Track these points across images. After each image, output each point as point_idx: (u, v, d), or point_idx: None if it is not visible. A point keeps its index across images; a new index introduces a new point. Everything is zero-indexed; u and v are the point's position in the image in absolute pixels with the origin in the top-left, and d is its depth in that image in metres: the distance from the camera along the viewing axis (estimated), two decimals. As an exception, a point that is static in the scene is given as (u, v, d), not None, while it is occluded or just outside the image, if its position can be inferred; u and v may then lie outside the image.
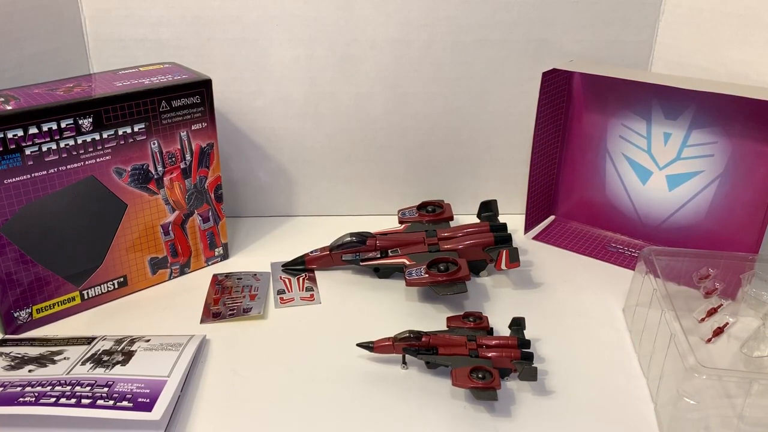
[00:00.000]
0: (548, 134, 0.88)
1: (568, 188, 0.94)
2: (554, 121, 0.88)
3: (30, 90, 0.67)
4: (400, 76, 0.87)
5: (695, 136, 0.80)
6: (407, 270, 0.49)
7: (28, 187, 0.65)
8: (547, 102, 0.85)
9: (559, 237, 0.90)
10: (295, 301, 0.75)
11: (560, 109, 0.89)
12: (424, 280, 0.48)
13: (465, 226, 0.54)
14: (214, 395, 0.61)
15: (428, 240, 0.52)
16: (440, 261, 0.51)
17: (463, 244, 0.52)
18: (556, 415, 0.59)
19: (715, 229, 0.82)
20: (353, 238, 0.53)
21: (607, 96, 0.86)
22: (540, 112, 0.84)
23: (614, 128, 0.87)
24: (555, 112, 0.88)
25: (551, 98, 0.86)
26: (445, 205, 0.56)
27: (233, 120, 0.88)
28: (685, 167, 0.83)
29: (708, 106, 0.78)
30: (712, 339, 0.67)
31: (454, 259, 0.52)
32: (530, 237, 0.90)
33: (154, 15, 0.82)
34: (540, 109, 0.84)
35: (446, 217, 0.56)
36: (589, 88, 0.87)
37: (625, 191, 0.89)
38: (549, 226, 0.94)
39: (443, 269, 0.51)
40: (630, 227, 0.89)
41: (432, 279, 0.50)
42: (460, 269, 0.51)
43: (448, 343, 0.63)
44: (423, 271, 0.49)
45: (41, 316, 0.70)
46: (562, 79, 0.86)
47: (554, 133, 0.89)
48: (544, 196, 0.93)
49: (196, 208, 0.78)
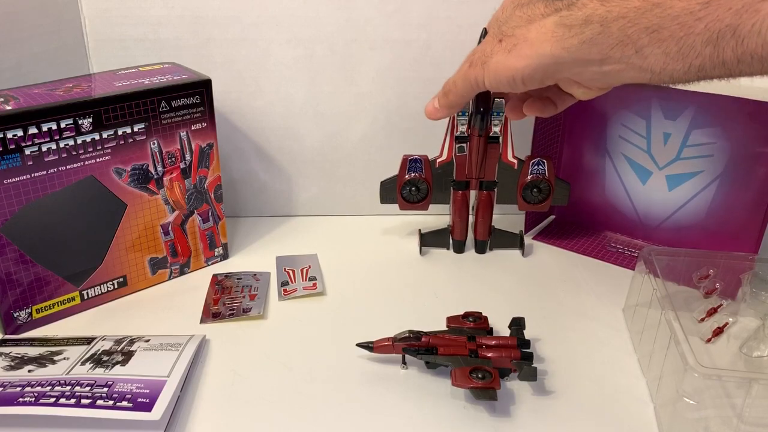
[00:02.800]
0: (547, 134, 0.88)
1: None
2: (553, 121, 0.88)
3: (30, 90, 0.67)
4: (400, 76, 0.87)
5: (695, 136, 0.80)
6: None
7: (28, 187, 0.65)
8: None
9: (558, 237, 0.91)
10: (298, 291, 0.76)
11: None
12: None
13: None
14: (214, 395, 0.61)
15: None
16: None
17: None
18: (556, 415, 0.59)
19: (715, 229, 0.82)
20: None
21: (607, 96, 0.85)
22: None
23: (614, 128, 0.87)
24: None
25: None
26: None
27: (233, 120, 0.88)
28: (684, 167, 0.83)
29: (707, 106, 0.78)
30: (711, 339, 0.67)
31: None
32: (530, 237, 0.90)
33: (154, 15, 0.82)
34: None
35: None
36: None
37: (625, 191, 0.89)
38: (549, 225, 0.94)
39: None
40: (630, 227, 0.89)
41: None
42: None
43: (447, 343, 0.63)
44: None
45: (41, 316, 0.70)
46: None
47: (553, 133, 0.90)
48: None
49: (196, 208, 0.78)
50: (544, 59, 0.49)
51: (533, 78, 0.51)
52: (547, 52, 0.49)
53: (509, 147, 0.82)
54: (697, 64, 0.43)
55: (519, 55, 0.51)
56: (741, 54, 0.40)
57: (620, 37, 0.44)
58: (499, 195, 0.84)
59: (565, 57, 0.48)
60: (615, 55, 0.45)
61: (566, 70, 0.50)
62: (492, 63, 0.53)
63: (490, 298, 0.76)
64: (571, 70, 0.49)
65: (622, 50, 0.45)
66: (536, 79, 0.52)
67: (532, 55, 0.50)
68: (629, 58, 0.45)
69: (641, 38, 0.43)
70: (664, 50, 0.43)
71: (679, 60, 0.43)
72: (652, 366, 0.63)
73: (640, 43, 0.44)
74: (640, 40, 0.44)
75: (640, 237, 0.89)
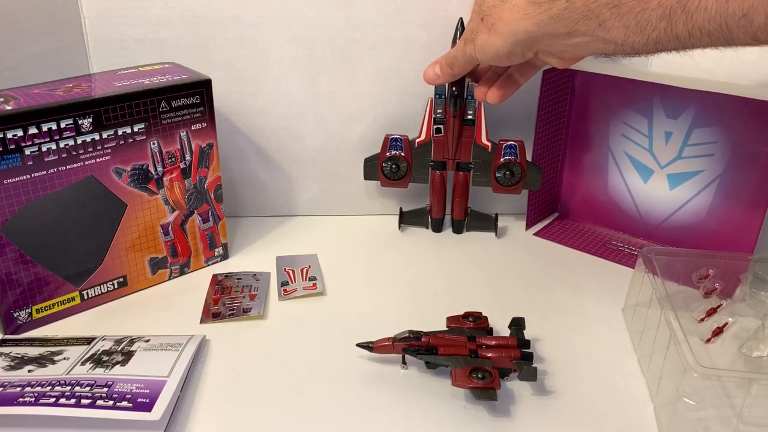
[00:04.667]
0: (550, 132, 0.88)
1: (571, 186, 0.94)
2: (556, 119, 0.88)
3: (30, 90, 0.67)
4: (400, 76, 0.87)
5: (696, 135, 0.80)
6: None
7: (28, 187, 0.65)
8: (548, 100, 0.85)
9: (559, 234, 0.91)
10: (298, 291, 0.76)
11: (562, 107, 0.89)
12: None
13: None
14: (214, 395, 0.61)
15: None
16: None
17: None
18: (556, 415, 0.59)
19: (715, 229, 0.82)
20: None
21: (609, 94, 0.86)
22: (541, 110, 0.84)
23: (616, 126, 0.87)
24: (556, 110, 0.88)
25: (552, 96, 0.86)
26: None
27: (233, 120, 0.88)
28: (685, 166, 0.83)
29: (708, 106, 0.78)
30: (711, 339, 0.67)
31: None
32: (531, 233, 0.91)
33: (154, 15, 0.82)
34: (541, 107, 0.84)
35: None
36: (591, 86, 0.87)
37: (627, 189, 0.89)
38: (551, 223, 0.94)
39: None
40: (631, 226, 0.90)
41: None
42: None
43: (447, 343, 0.63)
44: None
45: (41, 316, 0.70)
46: (563, 77, 0.86)
47: (556, 131, 0.90)
48: (547, 193, 0.94)
49: (196, 208, 0.78)
50: (520, 35, 0.55)
51: (514, 52, 0.58)
52: (520, 29, 0.55)
53: (483, 129, 0.85)
54: (654, 37, 0.48)
55: (498, 34, 0.57)
56: (691, 28, 0.45)
57: (584, 12, 0.50)
58: (475, 177, 0.88)
59: (537, 32, 0.54)
60: (581, 28, 0.51)
61: (540, 43, 0.56)
62: (479, 41, 0.60)
63: (490, 298, 0.76)
64: (544, 42, 0.56)
65: (587, 24, 0.50)
66: (517, 53, 0.58)
67: (509, 33, 0.56)
68: (594, 31, 0.51)
69: (603, 12, 0.49)
70: (624, 23, 0.48)
71: (638, 33, 0.48)
72: (651, 366, 0.63)
73: (603, 17, 0.49)
74: (602, 15, 0.49)
75: (641, 236, 0.89)
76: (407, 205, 0.94)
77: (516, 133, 0.89)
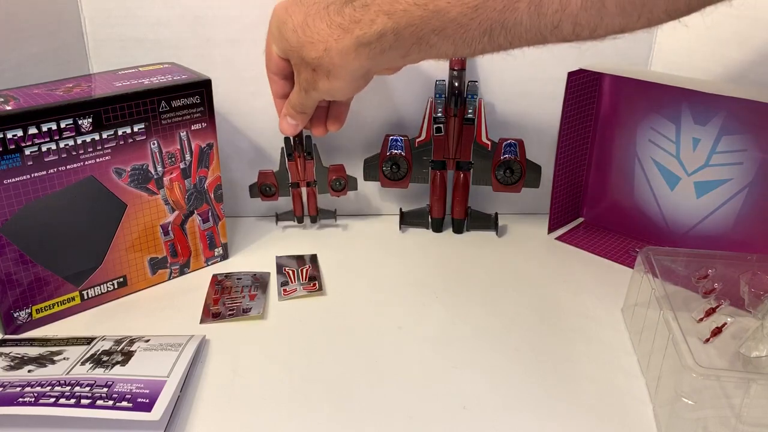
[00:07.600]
0: (575, 135, 0.87)
1: (597, 191, 0.92)
2: (581, 123, 0.87)
3: (30, 90, 0.67)
4: (400, 75, 0.86)
5: (725, 143, 0.78)
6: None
7: (28, 187, 0.65)
8: (573, 102, 0.84)
9: (582, 239, 0.90)
10: (298, 291, 0.76)
11: (589, 110, 0.87)
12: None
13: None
14: (214, 395, 0.61)
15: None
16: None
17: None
18: (555, 415, 0.59)
19: (743, 240, 0.79)
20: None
21: (637, 98, 0.84)
22: (565, 113, 0.83)
23: (644, 132, 0.85)
24: (582, 112, 0.87)
25: (578, 99, 0.84)
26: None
27: (233, 120, 0.88)
28: (713, 174, 0.80)
29: (738, 113, 0.76)
30: (710, 339, 0.67)
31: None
32: (554, 237, 0.90)
33: (154, 15, 0.82)
34: (565, 109, 0.83)
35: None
36: (618, 90, 0.86)
37: (653, 197, 0.87)
38: (574, 228, 0.93)
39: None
40: (657, 234, 0.87)
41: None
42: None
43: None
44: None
45: (41, 316, 0.70)
46: (590, 80, 0.84)
47: (581, 135, 0.88)
48: (571, 198, 0.93)
49: (196, 208, 0.78)
50: (358, 72, 0.60)
51: (358, 86, 0.64)
52: (357, 67, 0.59)
53: (483, 128, 0.86)
54: (480, 48, 0.53)
55: (338, 78, 0.61)
56: (511, 39, 0.51)
57: (413, 40, 0.54)
58: (475, 176, 0.88)
59: (373, 64, 0.59)
60: (413, 52, 0.56)
61: (377, 69, 0.63)
62: (321, 87, 0.63)
63: (490, 297, 0.76)
64: (381, 67, 0.61)
65: (419, 47, 0.55)
66: (361, 85, 0.64)
67: (347, 75, 0.60)
68: (426, 51, 0.55)
69: (431, 38, 0.53)
70: (452, 42, 0.53)
71: (465, 47, 0.53)
72: (650, 366, 0.63)
73: (432, 41, 0.54)
74: (430, 39, 0.54)
75: (667, 244, 0.85)
76: (407, 205, 0.94)
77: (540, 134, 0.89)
